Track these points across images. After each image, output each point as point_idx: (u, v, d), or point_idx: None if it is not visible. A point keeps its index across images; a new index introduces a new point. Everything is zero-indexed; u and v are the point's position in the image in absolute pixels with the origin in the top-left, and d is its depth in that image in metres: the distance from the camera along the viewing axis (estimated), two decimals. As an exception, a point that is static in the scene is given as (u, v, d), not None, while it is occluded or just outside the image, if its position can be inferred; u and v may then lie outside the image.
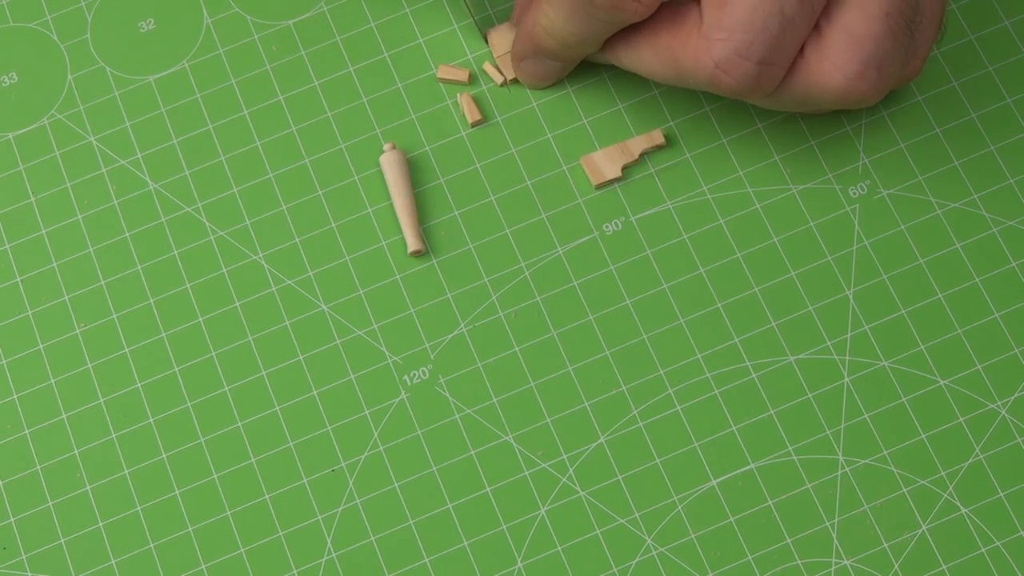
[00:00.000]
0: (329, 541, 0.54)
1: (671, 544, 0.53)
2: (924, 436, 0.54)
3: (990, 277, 0.56)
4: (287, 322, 0.56)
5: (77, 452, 0.55)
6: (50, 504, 0.55)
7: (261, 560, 0.54)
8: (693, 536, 0.53)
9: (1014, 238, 0.56)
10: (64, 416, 0.56)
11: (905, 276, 0.56)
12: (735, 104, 0.59)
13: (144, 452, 0.55)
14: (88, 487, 0.55)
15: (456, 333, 0.56)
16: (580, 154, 0.58)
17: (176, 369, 0.56)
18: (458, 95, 0.59)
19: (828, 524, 0.53)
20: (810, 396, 0.55)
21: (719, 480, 0.54)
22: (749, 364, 0.55)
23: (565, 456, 0.55)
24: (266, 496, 0.54)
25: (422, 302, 0.57)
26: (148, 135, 0.59)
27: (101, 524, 0.54)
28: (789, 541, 0.53)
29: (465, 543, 0.54)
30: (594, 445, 0.55)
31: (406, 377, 0.56)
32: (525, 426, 0.55)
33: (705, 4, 0.51)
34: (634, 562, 0.53)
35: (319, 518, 0.54)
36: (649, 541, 0.54)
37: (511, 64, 0.59)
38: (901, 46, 0.52)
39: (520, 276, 0.57)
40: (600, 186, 0.58)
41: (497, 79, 0.59)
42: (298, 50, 0.60)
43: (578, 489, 0.54)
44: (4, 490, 0.55)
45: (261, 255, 0.57)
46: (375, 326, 0.56)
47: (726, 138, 0.58)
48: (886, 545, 0.53)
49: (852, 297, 0.56)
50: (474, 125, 0.59)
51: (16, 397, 0.56)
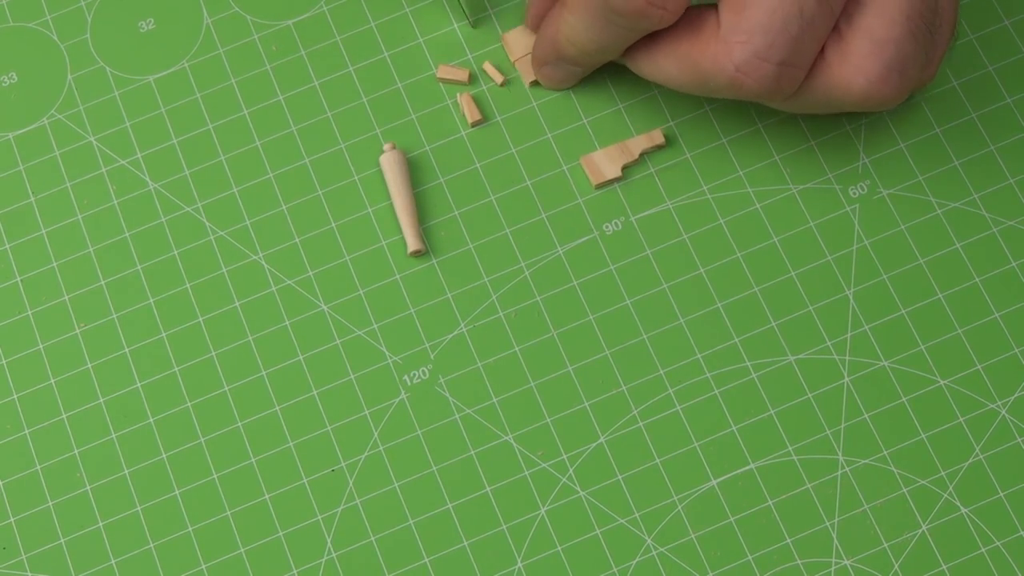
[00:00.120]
0: (329, 541, 0.54)
1: (671, 544, 0.53)
2: (924, 436, 0.54)
3: (990, 277, 0.56)
4: (287, 322, 0.56)
5: (77, 452, 0.55)
6: (50, 504, 0.55)
7: (261, 560, 0.54)
8: (693, 536, 0.53)
9: (1014, 238, 0.56)
10: (64, 416, 0.56)
11: (905, 276, 0.56)
12: (735, 104, 0.59)
13: (144, 452, 0.55)
14: (88, 487, 0.55)
15: (456, 333, 0.56)
16: (580, 154, 0.58)
17: (176, 369, 0.56)
18: (458, 95, 0.59)
19: (828, 524, 0.53)
20: (810, 396, 0.55)
21: (719, 480, 0.54)
22: (749, 364, 0.55)
23: (565, 456, 0.55)
24: (266, 496, 0.54)
25: (422, 302, 0.57)
26: (148, 135, 0.59)
27: (101, 524, 0.54)
28: (789, 541, 0.53)
29: (465, 543, 0.54)
30: (594, 445, 0.55)
31: (406, 377, 0.56)
32: (525, 426, 0.55)
33: (723, 9, 0.51)
34: (634, 562, 0.53)
35: (319, 518, 0.54)
36: (649, 541, 0.54)
37: (532, 68, 0.59)
38: (922, 49, 0.52)
39: (520, 276, 0.57)
40: (600, 186, 0.58)
41: (497, 79, 0.59)
42: (298, 50, 0.60)
43: (578, 489, 0.54)
44: (4, 490, 0.55)
45: (261, 255, 0.57)
46: (375, 326, 0.56)
47: (726, 138, 0.58)
48: (886, 545, 0.53)
49: (852, 297, 0.56)
50: (474, 125, 0.59)
51: (16, 397, 0.56)
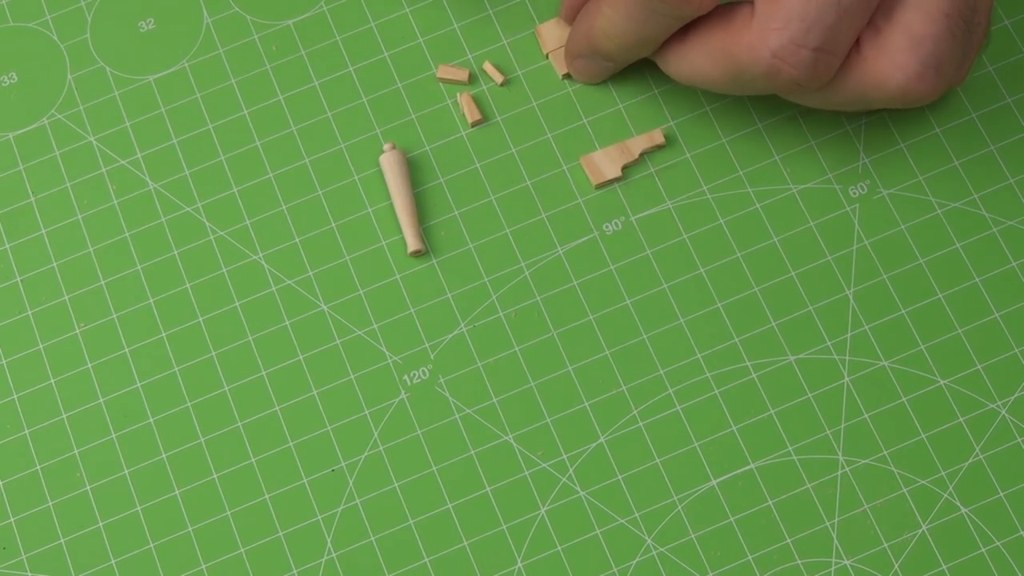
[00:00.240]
0: (329, 541, 0.54)
1: (671, 544, 0.53)
2: (924, 436, 0.54)
3: (990, 277, 0.56)
4: (287, 322, 0.56)
5: (77, 452, 0.55)
6: (50, 504, 0.55)
7: (261, 560, 0.54)
8: (693, 536, 0.53)
9: (1014, 238, 0.56)
10: (64, 416, 0.56)
11: (905, 276, 0.56)
12: (735, 104, 0.59)
13: (144, 452, 0.55)
14: (88, 487, 0.55)
15: (456, 333, 0.56)
16: (580, 154, 0.58)
17: (176, 369, 0.56)
18: (458, 95, 0.59)
19: (828, 524, 0.53)
20: (810, 396, 0.55)
21: (719, 480, 0.54)
22: (749, 364, 0.55)
23: (565, 456, 0.55)
24: (266, 496, 0.54)
25: (422, 302, 0.57)
26: (148, 135, 0.59)
27: (101, 524, 0.54)
28: (789, 541, 0.53)
29: (465, 543, 0.54)
30: (594, 445, 0.55)
31: (406, 377, 0.56)
32: (525, 426, 0.55)
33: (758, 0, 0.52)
34: (634, 562, 0.53)
35: (319, 518, 0.54)
36: (649, 541, 0.54)
37: (564, 60, 0.59)
38: (960, 46, 0.52)
39: (520, 276, 0.57)
40: (600, 186, 0.58)
41: (497, 79, 0.59)
42: (298, 50, 0.60)
43: (578, 489, 0.54)
44: (4, 490, 0.55)
45: (261, 255, 0.57)
46: (375, 326, 0.56)
47: (726, 138, 0.58)
48: (886, 545, 0.53)
49: (852, 297, 0.56)
50: (474, 125, 0.59)
51: (16, 397, 0.56)
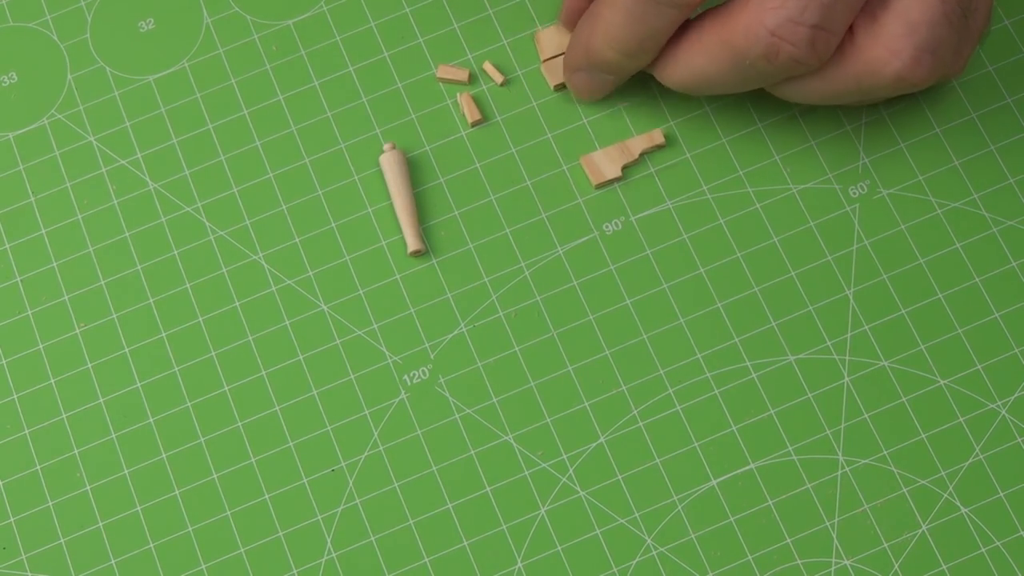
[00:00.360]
0: (329, 541, 0.54)
1: (671, 544, 0.53)
2: (924, 436, 0.54)
3: (990, 277, 0.56)
4: (287, 322, 0.56)
5: (77, 452, 0.55)
6: (50, 504, 0.55)
7: (261, 560, 0.54)
8: (693, 536, 0.53)
9: (1014, 238, 0.56)
10: (64, 416, 0.56)
11: (905, 276, 0.56)
12: (735, 103, 0.59)
13: (144, 452, 0.55)
14: (88, 487, 0.55)
15: (456, 333, 0.56)
16: (580, 154, 0.58)
17: (176, 369, 0.56)
18: (458, 95, 0.59)
19: (828, 524, 0.53)
20: (810, 396, 0.55)
21: (719, 480, 0.54)
22: (749, 364, 0.55)
23: (565, 456, 0.55)
24: (266, 496, 0.54)
25: (422, 302, 0.57)
26: (148, 135, 0.59)
27: (101, 524, 0.54)
28: (789, 541, 0.53)
29: (465, 543, 0.54)
30: (594, 445, 0.55)
31: (406, 377, 0.56)
32: (525, 426, 0.55)
33: None
34: (634, 562, 0.53)
35: (319, 518, 0.54)
36: (649, 541, 0.53)
37: (563, 73, 0.58)
38: (955, 32, 0.52)
39: (520, 276, 0.57)
40: (600, 186, 0.58)
41: (497, 79, 0.59)
42: (298, 50, 0.60)
43: (578, 489, 0.54)
44: (4, 490, 0.55)
45: (261, 255, 0.57)
46: (375, 326, 0.56)
47: (726, 138, 0.58)
48: (886, 545, 0.53)
49: (852, 297, 0.56)
50: (474, 125, 0.59)
51: (16, 397, 0.56)
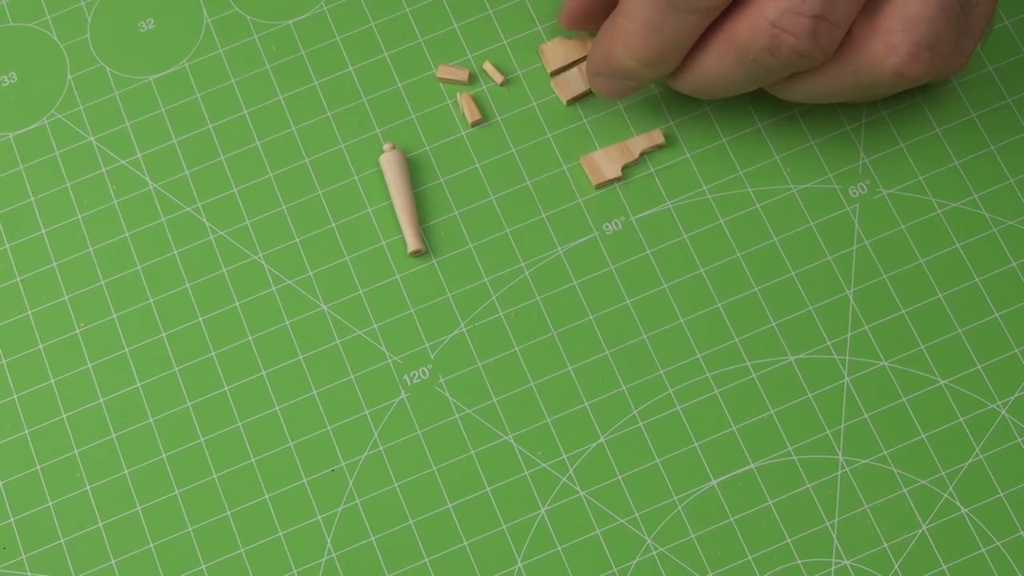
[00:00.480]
0: (329, 541, 0.54)
1: (671, 544, 0.53)
2: (924, 436, 0.54)
3: (990, 277, 0.56)
4: (287, 322, 0.56)
5: (77, 452, 0.55)
6: (50, 504, 0.55)
7: (261, 560, 0.54)
8: (693, 536, 0.53)
9: (1014, 238, 0.56)
10: (64, 416, 0.56)
11: (905, 276, 0.56)
12: (735, 103, 0.59)
13: (144, 452, 0.55)
14: (88, 487, 0.55)
15: (456, 333, 0.56)
16: (580, 154, 0.58)
17: (176, 369, 0.56)
18: (458, 95, 0.59)
19: (828, 524, 0.53)
20: (810, 396, 0.55)
21: (719, 480, 0.54)
22: (749, 364, 0.55)
23: (565, 456, 0.55)
24: (266, 496, 0.54)
25: (422, 302, 0.57)
26: (148, 135, 0.59)
27: (101, 524, 0.54)
28: (789, 541, 0.53)
29: (465, 543, 0.54)
30: (594, 445, 0.55)
31: (406, 377, 0.56)
32: (525, 426, 0.55)
33: None
34: (634, 562, 0.53)
35: (319, 518, 0.54)
36: (649, 541, 0.53)
37: (585, 76, 0.58)
38: (954, 28, 0.52)
39: (520, 276, 0.57)
40: (600, 186, 0.58)
41: (497, 79, 0.59)
42: (298, 50, 0.60)
43: (578, 489, 0.54)
44: (4, 490, 0.55)
45: (261, 255, 0.57)
46: (375, 326, 0.56)
47: (726, 138, 0.58)
48: (886, 545, 0.53)
49: (852, 297, 0.56)
50: (474, 125, 0.59)
51: (16, 397, 0.56)
